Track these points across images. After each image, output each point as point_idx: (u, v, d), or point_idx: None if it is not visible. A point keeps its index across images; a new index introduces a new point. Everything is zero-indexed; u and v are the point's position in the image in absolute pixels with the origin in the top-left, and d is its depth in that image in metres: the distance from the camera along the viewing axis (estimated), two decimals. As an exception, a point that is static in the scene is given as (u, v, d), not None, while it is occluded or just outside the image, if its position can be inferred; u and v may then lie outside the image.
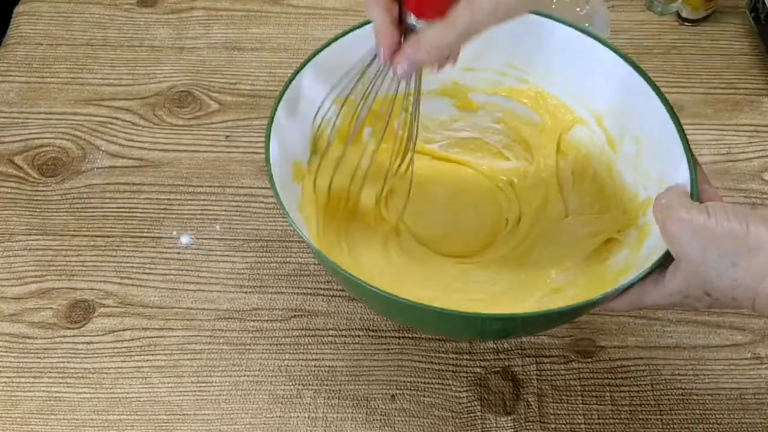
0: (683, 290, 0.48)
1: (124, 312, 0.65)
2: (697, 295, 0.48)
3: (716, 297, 0.47)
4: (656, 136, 0.57)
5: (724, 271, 0.45)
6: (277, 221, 0.70)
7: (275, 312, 0.65)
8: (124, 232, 0.69)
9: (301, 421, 0.59)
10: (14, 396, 0.61)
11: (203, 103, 0.78)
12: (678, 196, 0.50)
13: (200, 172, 0.73)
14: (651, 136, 0.58)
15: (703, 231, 0.45)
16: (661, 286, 0.49)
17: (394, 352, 0.62)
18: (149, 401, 0.60)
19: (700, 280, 0.46)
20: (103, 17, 0.85)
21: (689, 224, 0.46)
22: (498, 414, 0.59)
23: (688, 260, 0.46)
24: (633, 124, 0.60)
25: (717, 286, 0.46)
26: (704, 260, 0.45)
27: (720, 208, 0.46)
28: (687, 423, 0.59)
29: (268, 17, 0.85)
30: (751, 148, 0.74)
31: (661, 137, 0.56)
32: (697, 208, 0.47)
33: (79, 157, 0.74)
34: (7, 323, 0.64)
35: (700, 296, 0.47)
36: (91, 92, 0.78)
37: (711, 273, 0.45)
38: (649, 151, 0.58)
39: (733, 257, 0.44)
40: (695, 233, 0.46)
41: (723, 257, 0.45)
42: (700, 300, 0.48)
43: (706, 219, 0.45)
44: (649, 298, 0.50)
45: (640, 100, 0.57)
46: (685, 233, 0.46)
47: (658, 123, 0.56)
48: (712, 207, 0.46)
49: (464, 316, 0.50)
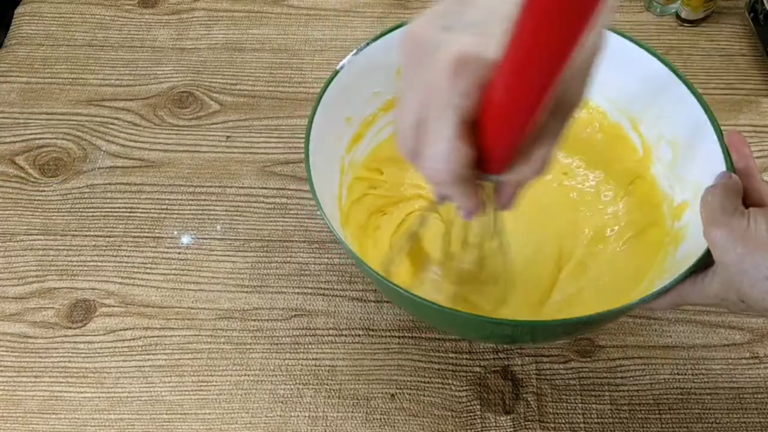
0: (720, 293, 0.47)
1: (125, 312, 0.65)
2: (733, 300, 0.47)
3: (750, 305, 0.46)
4: (692, 138, 0.56)
5: (758, 283, 0.44)
6: (278, 221, 0.70)
7: (276, 311, 0.65)
8: (125, 232, 0.69)
9: (301, 420, 0.60)
10: (15, 395, 0.61)
11: (204, 104, 0.78)
12: (724, 194, 0.48)
13: (201, 173, 0.73)
14: (687, 139, 0.57)
15: (741, 240, 0.45)
16: (699, 287, 0.49)
17: (394, 351, 0.63)
18: (150, 401, 0.60)
19: (734, 288, 0.46)
20: (104, 18, 0.85)
21: (729, 230, 0.45)
22: (497, 413, 0.60)
23: (725, 266, 0.46)
24: (668, 128, 0.59)
25: (750, 296, 0.45)
26: (739, 270, 0.45)
27: (762, 216, 0.45)
28: (686, 422, 0.59)
29: (269, 18, 0.85)
30: (750, 149, 0.74)
31: (698, 141, 0.55)
32: (739, 214, 0.46)
33: (80, 158, 0.74)
34: (8, 323, 0.64)
35: (736, 302, 0.47)
36: (92, 93, 0.79)
37: (745, 282, 0.45)
38: (686, 155, 0.58)
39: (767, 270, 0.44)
40: (734, 241, 0.45)
41: (757, 269, 0.44)
42: (735, 305, 0.48)
43: (746, 228, 0.45)
44: (690, 298, 0.50)
45: (676, 103, 0.57)
46: (724, 240, 0.46)
47: (696, 127, 0.55)
48: (754, 214, 0.45)
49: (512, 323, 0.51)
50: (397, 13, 0.85)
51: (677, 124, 0.59)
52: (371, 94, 0.62)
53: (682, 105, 0.57)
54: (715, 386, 0.61)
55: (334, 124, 0.59)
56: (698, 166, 0.56)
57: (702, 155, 0.55)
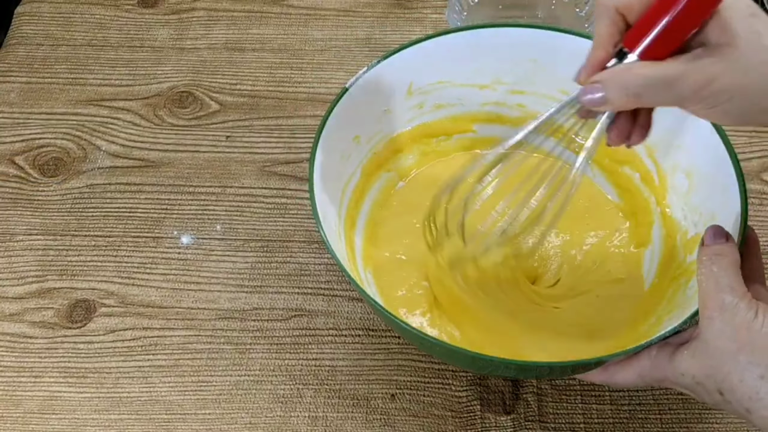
0: (697, 376, 0.44)
1: (125, 312, 0.65)
2: (709, 389, 0.44)
3: (729, 399, 0.43)
4: (709, 170, 0.55)
5: (749, 381, 0.42)
6: (277, 221, 0.70)
7: (276, 312, 0.65)
8: (125, 232, 0.69)
9: (301, 420, 0.59)
10: (15, 395, 0.61)
11: (204, 104, 0.78)
12: (731, 269, 0.45)
13: (201, 173, 0.73)
14: (703, 170, 0.56)
15: (743, 330, 0.42)
16: (677, 361, 0.45)
17: (394, 351, 0.63)
18: (150, 401, 0.60)
19: (719, 376, 0.43)
20: (104, 18, 0.85)
21: (732, 316, 0.43)
22: (497, 413, 0.59)
23: (715, 351, 0.43)
24: (684, 157, 0.59)
25: (734, 390, 0.43)
26: (733, 360, 0.42)
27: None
28: (686, 422, 0.59)
29: (269, 18, 0.85)
30: (750, 149, 0.74)
31: (714, 171, 0.54)
32: (747, 302, 0.43)
33: (80, 158, 0.74)
34: (8, 323, 0.64)
35: (711, 391, 0.44)
36: (92, 92, 0.79)
37: (734, 376, 0.42)
38: (702, 185, 0.57)
39: (765, 371, 0.42)
40: (735, 329, 0.42)
41: (753, 366, 0.42)
42: (710, 394, 0.44)
43: (753, 318, 0.42)
44: (659, 371, 0.46)
45: (693, 132, 0.56)
46: (723, 323, 0.43)
47: (712, 157, 0.54)
48: (763, 309, 0.43)
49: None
50: (397, 13, 0.85)
51: (694, 154, 0.57)
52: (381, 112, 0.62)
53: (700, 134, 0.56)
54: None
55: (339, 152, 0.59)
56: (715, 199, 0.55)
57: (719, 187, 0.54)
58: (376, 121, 0.62)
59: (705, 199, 0.57)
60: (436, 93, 0.64)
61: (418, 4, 0.86)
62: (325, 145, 0.55)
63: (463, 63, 0.62)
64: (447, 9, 0.82)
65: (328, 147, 0.56)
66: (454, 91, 0.64)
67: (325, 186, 0.55)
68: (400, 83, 0.62)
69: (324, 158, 0.55)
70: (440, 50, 0.61)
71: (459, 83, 0.64)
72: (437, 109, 0.65)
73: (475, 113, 0.66)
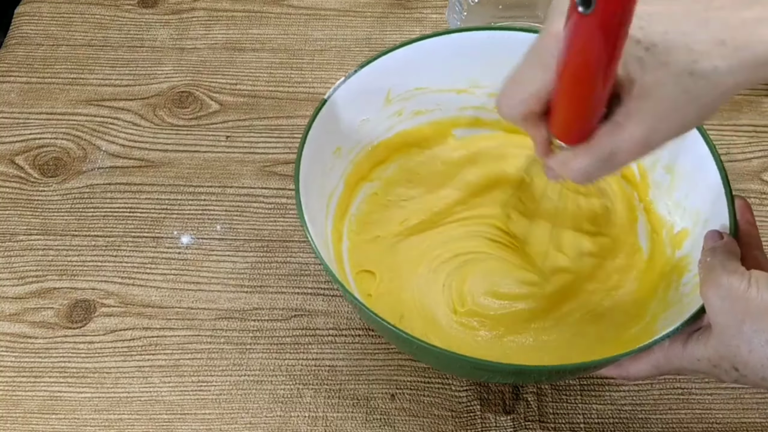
0: (713, 359, 0.45)
1: (125, 312, 0.65)
2: (725, 368, 0.45)
3: (744, 373, 0.44)
4: (690, 166, 0.55)
5: (758, 349, 0.42)
6: (278, 221, 0.70)
7: (276, 312, 0.65)
8: (125, 232, 0.69)
9: (301, 420, 0.59)
10: (15, 396, 0.61)
11: (204, 104, 0.78)
12: (723, 255, 0.46)
13: (201, 173, 0.73)
14: (685, 166, 0.57)
15: (741, 301, 0.43)
16: (690, 349, 0.46)
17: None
18: (150, 401, 0.60)
19: (730, 353, 0.44)
20: (104, 18, 0.85)
21: (727, 291, 0.43)
22: (497, 413, 0.59)
23: (721, 329, 0.44)
24: (664, 152, 0.58)
25: (747, 363, 0.43)
26: (738, 332, 0.43)
27: (765, 278, 0.43)
28: (686, 422, 0.59)
29: (269, 18, 0.85)
30: (750, 149, 0.74)
31: (696, 167, 0.54)
32: (739, 275, 0.44)
33: (80, 158, 0.74)
34: (7, 323, 0.64)
35: (728, 369, 0.44)
36: (91, 92, 0.79)
37: (743, 348, 0.43)
38: (683, 181, 0.57)
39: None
40: (733, 302, 0.43)
41: (759, 333, 0.42)
42: (727, 373, 0.45)
43: (746, 288, 0.43)
44: (675, 362, 0.47)
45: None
46: (721, 300, 0.44)
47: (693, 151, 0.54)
48: (755, 276, 0.43)
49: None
50: (397, 13, 0.85)
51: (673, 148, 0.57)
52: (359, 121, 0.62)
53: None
54: (716, 386, 0.61)
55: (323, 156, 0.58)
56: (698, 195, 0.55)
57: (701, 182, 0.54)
58: (355, 131, 0.62)
59: (687, 193, 0.57)
60: (414, 99, 0.63)
61: (418, 4, 0.86)
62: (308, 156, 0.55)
63: (439, 68, 0.62)
64: (447, 9, 0.82)
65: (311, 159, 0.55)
66: (433, 97, 0.64)
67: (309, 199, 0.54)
68: (378, 91, 0.61)
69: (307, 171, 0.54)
70: (417, 56, 0.60)
71: (436, 89, 0.63)
72: (416, 116, 0.64)
73: (454, 118, 0.66)
